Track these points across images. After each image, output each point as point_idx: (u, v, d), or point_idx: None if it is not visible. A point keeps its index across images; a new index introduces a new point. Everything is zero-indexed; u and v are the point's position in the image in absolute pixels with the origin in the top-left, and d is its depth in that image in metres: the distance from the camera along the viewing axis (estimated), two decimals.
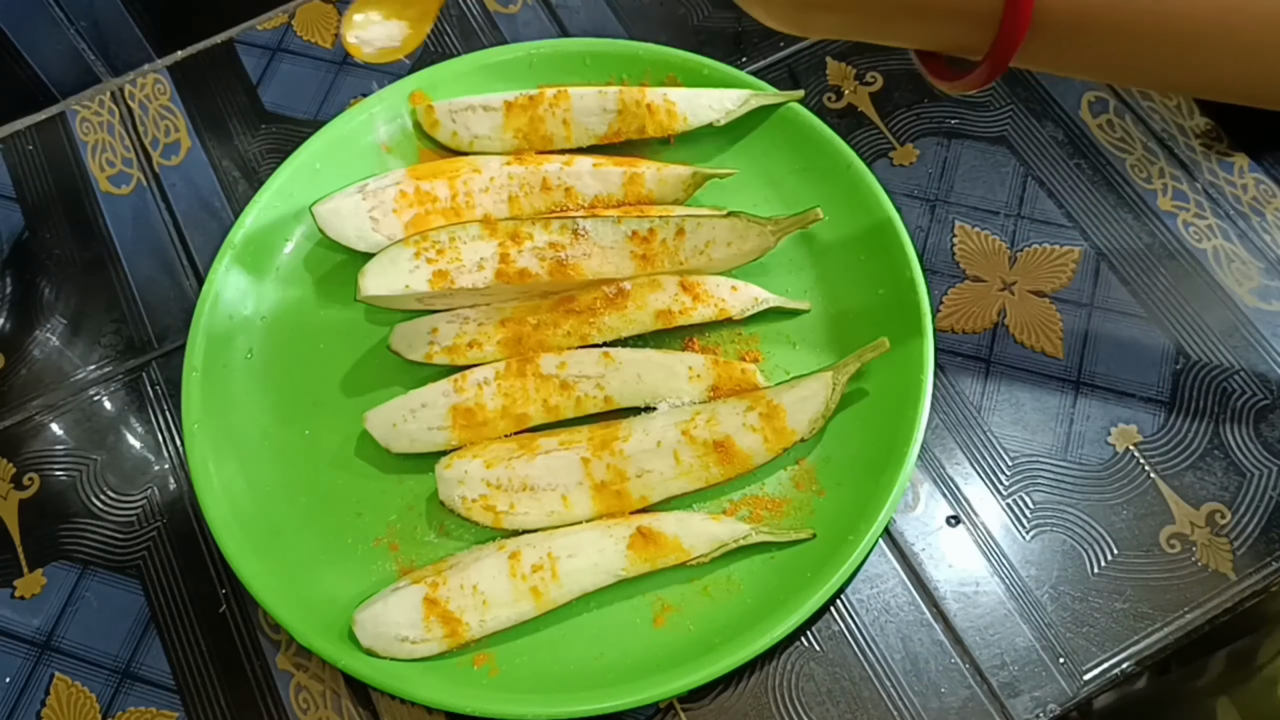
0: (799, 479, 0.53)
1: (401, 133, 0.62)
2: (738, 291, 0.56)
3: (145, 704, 0.52)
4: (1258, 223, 0.59)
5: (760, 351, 0.56)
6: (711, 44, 0.67)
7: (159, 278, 0.62)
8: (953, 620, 0.50)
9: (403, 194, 0.58)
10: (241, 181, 0.65)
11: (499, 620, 0.49)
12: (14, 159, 0.67)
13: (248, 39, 0.70)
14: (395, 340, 0.56)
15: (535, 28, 0.69)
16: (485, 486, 0.51)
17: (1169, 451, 0.53)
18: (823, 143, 0.59)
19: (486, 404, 0.53)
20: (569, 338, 0.55)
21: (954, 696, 0.49)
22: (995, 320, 0.57)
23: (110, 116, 0.68)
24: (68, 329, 0.61)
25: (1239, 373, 0.55)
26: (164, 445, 0.57)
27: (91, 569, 0.55)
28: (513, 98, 0.60)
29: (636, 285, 0.56)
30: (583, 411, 0.54)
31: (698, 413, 0.52)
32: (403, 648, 0.49)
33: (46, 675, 0.52)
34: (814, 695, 0.49)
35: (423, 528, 0.53)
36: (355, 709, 0.51)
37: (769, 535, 0.51)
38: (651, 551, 0.50)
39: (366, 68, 0.68)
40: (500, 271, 0.54)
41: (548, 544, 0.50)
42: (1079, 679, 0.49)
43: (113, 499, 0.56)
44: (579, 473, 0.52)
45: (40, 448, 0.58)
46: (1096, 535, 0.51)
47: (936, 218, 0.60)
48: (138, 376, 0.60)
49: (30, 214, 0.65)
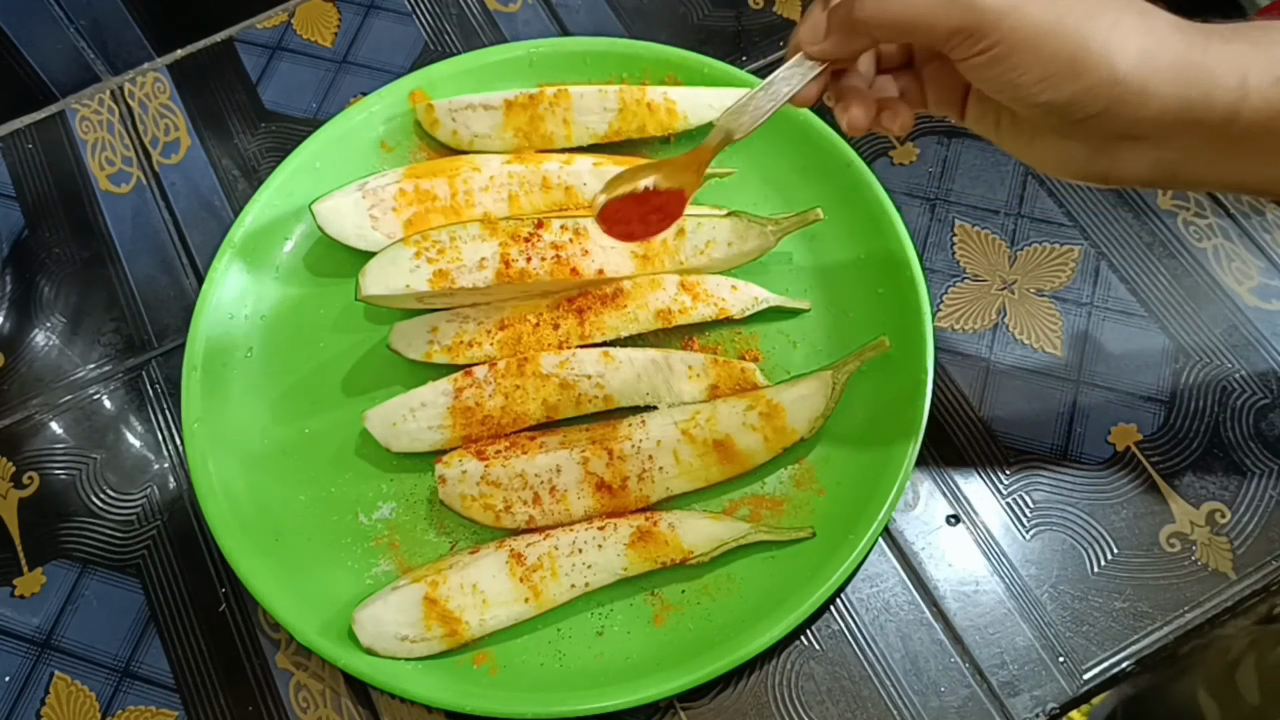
0: (799, 478, 0.53)
1: (401, 131, 0.62)
2: (738, 291, 0.56)
3: (145, 703, 0.52)
4: (1258, 222, 0.59)
5: (760, 351, 0.56)
6: (711, 43, 0.67)
7: (158, 276, 0.62)
8: (952, 619, 0.50)
9: (402, 192, 0.58)
10: (241, 180, 0.65)
11: (499, 619, 0.49)
12: (14, 158, 0.66)
13: (247, 37, 0.70)
14: (395, 339, 0.56)
15: (535, 26, 0.69)
16: (485, 485, 0.51)
17: (1169, 451, 0.53)
18: (823, 142, 0.58)
19: (486, 403, 0.53)
20: (569, 337, 0.55)
21: (954, 695, 0.49)
22: (995, 319, 0.57)
23: (110, 115, 0.67)
24: (67, 328, 0.61)
25: (1239, 372, 0.55)
26: (164, 444, 0.57)
27: (91, 568, 0.55)
28: (513, 96, 0.60)
29: (636, 284, 0.56)
30: (582, 411, 0.54)
31: (698, 412, 0.52)
32: (402, 647, 0.49)
33: (46, 674, 0.52)
34: (814, 694, 0.49)
35: (422, 527, 0.53)
36: (355, 708, 0.51)
37: (769, 534, 0.51)
38: (651, 550, 0.50)
39: (366, 67, 0.68)
40: (500, 271, 0.54)
41: (547, 543, 0.50)
42: (1079, 678, 0.49)
43: (112, 498, 0.56)
44: (579, 472, 0.52)
45: (40, 446, 0.58)
46: (1096, 535, 0.51)
47: (936, 217, 0.60)
48: (137, 375, 0.60)
49: (30, 213, 0.65)
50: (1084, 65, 0.35)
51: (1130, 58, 0.35)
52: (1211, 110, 0.35)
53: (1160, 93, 0.35)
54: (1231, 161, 0.37)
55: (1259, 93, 0.35)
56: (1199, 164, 0.37)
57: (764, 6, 0.68)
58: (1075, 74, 0.35)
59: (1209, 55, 0.35)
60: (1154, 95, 0.35)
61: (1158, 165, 0.37)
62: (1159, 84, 0.35)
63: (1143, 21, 0.35)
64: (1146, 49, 0.35)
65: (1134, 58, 0.35)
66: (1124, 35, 0.35)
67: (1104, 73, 0.35)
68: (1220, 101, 0.35)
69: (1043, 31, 0.35)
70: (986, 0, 0.35)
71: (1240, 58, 0.35)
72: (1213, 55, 0.35)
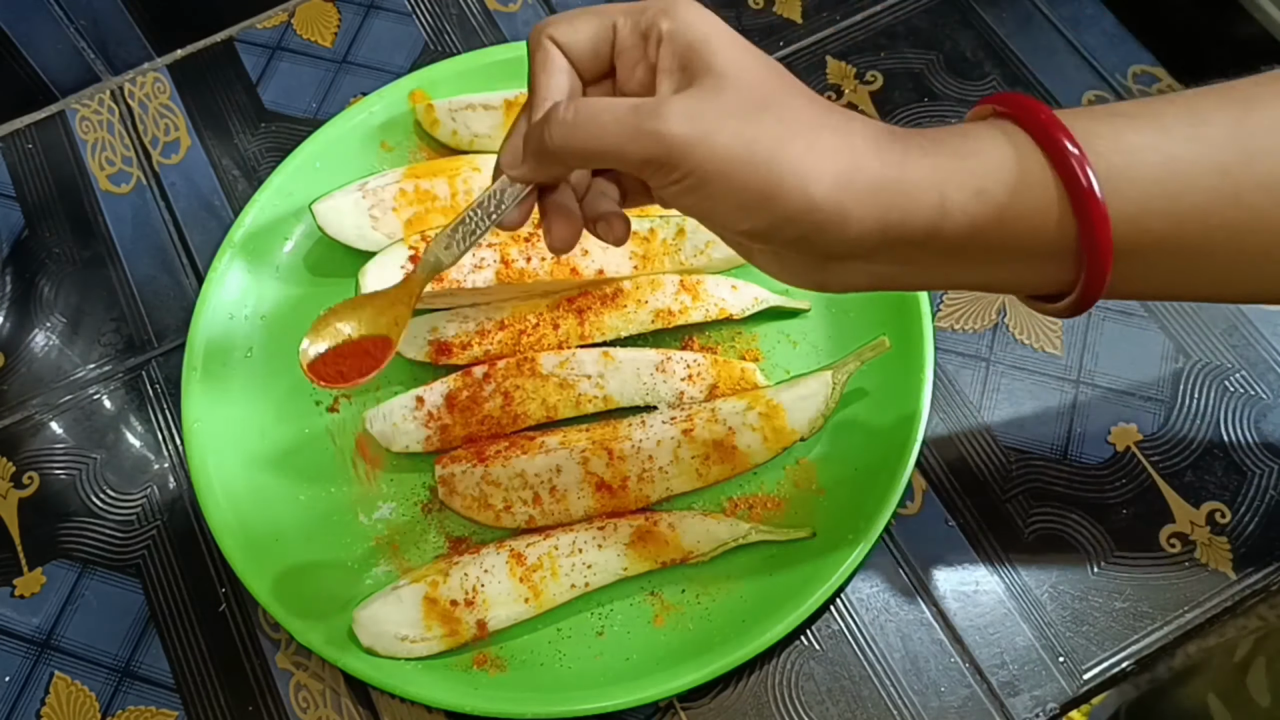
0: (799, 478, 0.53)
1: (401, 131, 0.62)
2: (738, 291, 0.56)
3: (145, 703, 0.52)
4: None
5: (760, 351, 0.56)
6: None
7: (159, 276, 0.62)
8: (952, 619, 0.50)
9: (402, 192, 0.58)
10: (241, 180, 0.65)
11: (499, 619, 0.49)
12: (14, 158, 0.66)
13: (247, 37, 0.70)
14: None
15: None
16: (485, 485, 0.51)
17: (1169, 451, 0.53)
18: None
19: (486, 403, 0.53)
20: (569, 337, 0.55)
21: (954, 695, 0.49)
22: (995, 319, 0.57)
23: (110, 115, 0.67)
24: (67, 328, 0.61)
25: (1239, 372, 0.55)
26: (164, 444, 0.57)
27: (91, 568, 0.55)
28: (512, 96, 0.60)
29: (636, 284, 0.56)
30: (582, 411, 0.54)
31: (697, 412, 0.52)
32: (402, 647, 0.49)
33: (46, 674, 0.52)
34: (814, 694, 0.49)
35: (422, 527, 0.53)
36: (355, 708, 0.51)
37: (769, 534, 0.51)
38: (651, 550, 0.50)
39: (366, 66, 0.68)
40: (500, 271, 0.54)
41: (547, 543, 0.50)
42: (1079, 678, 0.49)
43: (112, 498, 0.56)
44: (579, 472, 0.52)
45: (40, 446, 0.58)
46: (1096, 535, 0.51)
47: None
48: (137, 375, 0.60)
49: (30, 213, 0.65)
50: (777, 194, 0.33)
51: (825, 184, 0.33)
52: (912, 229, 0.34)
53: (859, 215, 0.34)
54: (945, 270, 0.37)
55: (959, 208, 0.34)
56: (913, 275, 0.37)
57: (764, 7, 0.68)
58: (769, 203, 0.34)
59: (906, 173, 0.34)
60: (853, 219, 0.34)
61: (873, 277, 0.37)
62: (855, 207, 0.33)
63: (839, 142, 0.34)
64: (842, 173, 0.33)
65: (829, 183, 0.33)
66: (818, 160, 0.33)
67: (799, 201, 0.33)
68: (919, 220, 0.34)
69: (733, 162, 0.33)
70: (674, 131, 0.33)
71: (938, 173, 0.34)
72: (910, 173, 0.34)
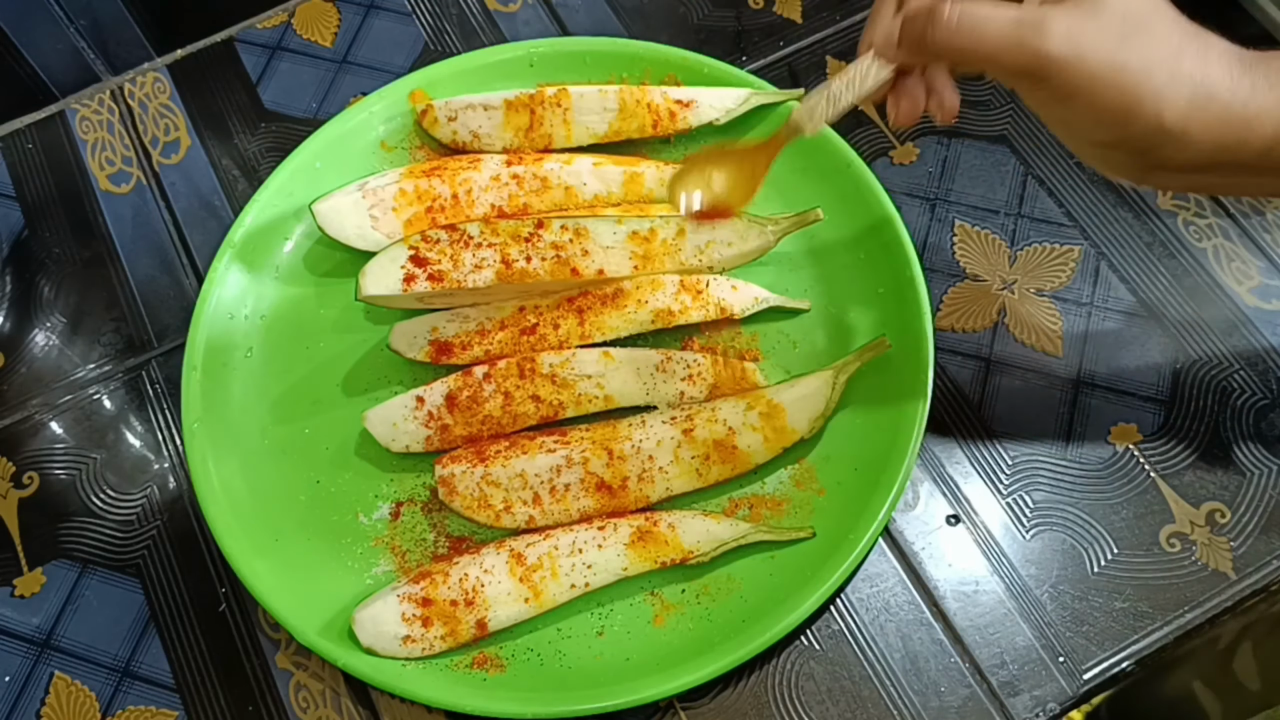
0: (799, 478, 0.53)
1: (401, 131, 0.62)
2: (738, 291, 0.56)
3: (145, 703, 0.52)
4: (1258, 222, 0.59)
5: (760, 351, 0.56)
6: (711, 43, 0.67)
7: (158, 276, 0.62)
8: (952, 619, 0.50)
9: (402, 192, 0.58)
10: (241, 180, 0.65)
11: (499, 619, 0.49)
12: (14, 158, 0.66)
13: (247, 37, 0.70)
14: (395, 339, 0.56)
15: (535, 26, 0.69)
16: (485, 485, 0.51)
17: (1169, 451, 0.53)
18: (822, 142, 0.58)
19: (486, 403, 0.53)
20: (569, 337, 0.55)
21: (954, 695, 0.49)
22: (995, 319, 0.57)
23: (110, 115, 0.67)
24: (67, 327, 0.61)
25: (1239, 372, 0.55)
26: (164, 444, 0.57)
27: (91, 568, 0.55)
28: (512, 96, 0.60)
29: (636, 284, 0.56)
30: (582, 411, 0.54)
31: (698, 412, 0.52)
32: (402, 647, 0.49)
33: (46, 674, 0.52)
34: (814, 694, 0.49)
35: (422, 527, 0.53)
36: (355, 708, 0.51)
37: (769, 534, 0.51)
38: (651, 550, 0.50)
39: (366, 67, 0.68)
40: (500, 271, 0.54)
41: (547, 543, 0.50)
42: (1079, 678, 0.49)
43: (112, 498, 0.56)
44: (579, 472, 0.52)
45: (40, 446, 0.58)
46: (1096, 534, 0.51)
47: (936, 217, 0.60)
48: (137, 375, 0.60)
49: (30, 213, 0.65)
50: (1134, 115, 0.37)
51: (1178, 110, 0.37)
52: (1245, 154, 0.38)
53: (1199, 140, 0.37)
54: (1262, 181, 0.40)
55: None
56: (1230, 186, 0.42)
57: (764, 7, 0.68)
58: (1125, 121, 0.37)
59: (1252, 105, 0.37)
60: (1193, 143, 0.37)
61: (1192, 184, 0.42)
62: (1199, 132, 0.37)
63: (1197, 71, 0.37)
64: (1195, 101, 0.37)
65: (1182, 110, 0.37)
66: (1177, 89, 0.37)
67: (1151, 122, 0.37)
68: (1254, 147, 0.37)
69: (1101, 82, 0.37)
70: (1054, 49, 0.36)
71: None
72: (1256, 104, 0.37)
